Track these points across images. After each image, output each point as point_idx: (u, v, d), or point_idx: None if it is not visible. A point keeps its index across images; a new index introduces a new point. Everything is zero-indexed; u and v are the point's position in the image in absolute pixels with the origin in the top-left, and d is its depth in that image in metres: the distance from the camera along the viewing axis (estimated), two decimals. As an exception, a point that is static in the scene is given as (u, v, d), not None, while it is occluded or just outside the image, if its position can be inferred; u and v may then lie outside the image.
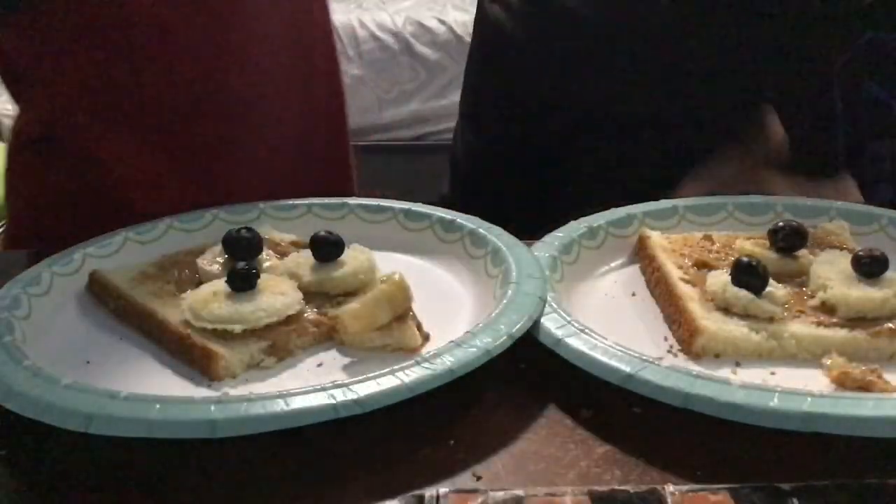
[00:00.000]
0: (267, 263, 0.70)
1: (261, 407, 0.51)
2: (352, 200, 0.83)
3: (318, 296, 0.67)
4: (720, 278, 0.66)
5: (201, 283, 0.68)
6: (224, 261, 0.70)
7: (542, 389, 0.60)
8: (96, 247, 0.75)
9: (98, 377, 0.57)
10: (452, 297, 0.70)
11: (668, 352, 0.62)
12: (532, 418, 0.57)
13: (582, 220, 0.78)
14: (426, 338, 0.63)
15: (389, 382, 0.54)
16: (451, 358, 0.56)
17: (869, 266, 0.65)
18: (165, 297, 0.67)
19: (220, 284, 0.64)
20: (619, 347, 0.58)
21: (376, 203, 0.82)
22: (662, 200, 0.81)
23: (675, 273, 0.69)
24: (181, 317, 0.63)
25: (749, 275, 0.64)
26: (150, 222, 0.79)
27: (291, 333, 0.63)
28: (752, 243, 0.72)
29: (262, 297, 0.63)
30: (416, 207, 0.81)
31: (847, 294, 0.63)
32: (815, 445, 0.52)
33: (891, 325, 0.61)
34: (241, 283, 0.63)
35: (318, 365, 0.62)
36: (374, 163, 2.90)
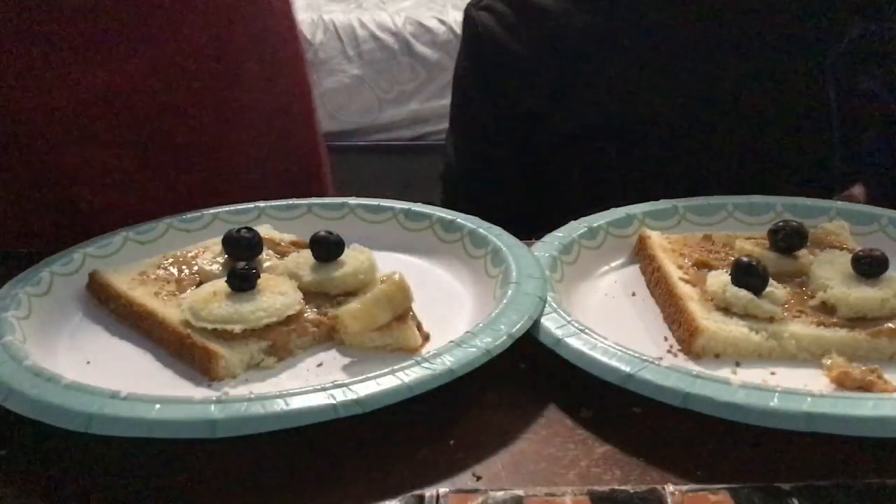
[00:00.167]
0: (267, 263, 0.70)
1: (261, 407, 0.51)
2: (352, 200, 0.83)
3: (318, 296, 0.67)
4: (720, 278, 0.66)
5: (201, 283, 0.68)
6: (224, 261, 0.70)
7: (542, 389, 0.60)
8: (96, 247, 0.75)
9: (98, 377, 0.57)
10: (452, 297, 0.70)
11: (668, 352, 0.62)
12: (532, 418, 0.57)
13: (582, 220, 0.78)
14: (426, 338, 0.63)
15: (389, 382, 0.54)
16: (451, 358, 0.56)
17: (869, 266, 0.65)
18: (165, 297, 0.67)
19: (220, 284, 0.64)
20: (619, 347, 0.58)
21: (376, 203, 0.82)
22: (662, 200, 0.81)
23: (675, 273, 0.69)
24: (181, 317, 0.63)
25: (749, 275, 0.64)
26: (150, 222, 0.79)
27: (291, 333, 0.63)
28: (752, 243, 0.72)
29: (262, 297, 0.63)
30: (416, 207, 0.81)
31: (847, 294, 0.63)
32: (815, 445, 0.52)
33: (891, 325, 0.61)
34: (241, 283, 0.63)
35: (318, 365, 0.62)
36: (374, 163, 2.90)
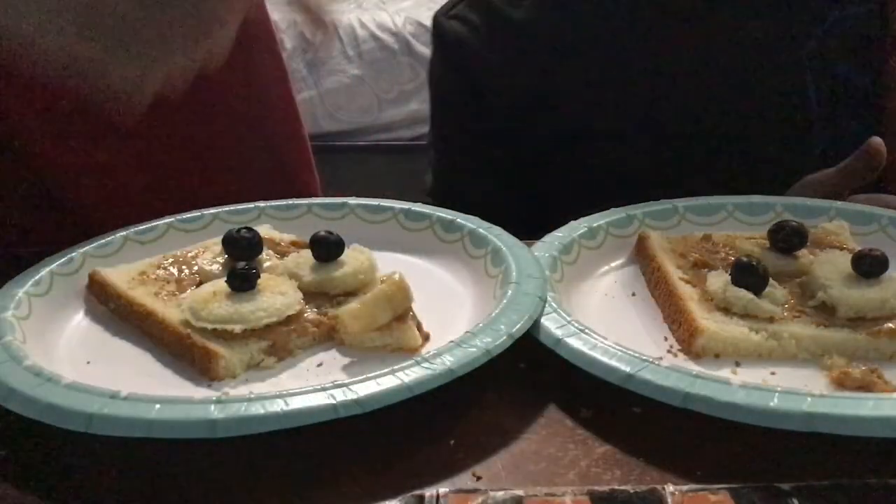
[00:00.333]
0: (267, 263, 0.70)
1: (261, 407, 0.51)
2: (352, 200, 0.83)
3: (318, 296, 0.67)
4: (720, 278, 0.66)
5: (201, 283, 0.68)
6: (224, 261, 0.70)
7: (542, 389, 0.60)
8: (96, 247, 0.75)
9: (98, 377, 0.56)
10: (452, 297, 0.70)
11: (668, 352, 0.62)
12: (532, 418, 0.57)
13: (582, 220, 0.78)
14: (426, 338, 0.63)
15: (389, 382, 0.54)
16: (451, 358, 0.56)
17: (869, 266, 0.65)
18: (165, 297, 0.67)
19: (220, 284, 0.64)
20: (619, 347, 0.58)
21: (376, 203, 0.82)
22: (662, 200, 0.81)
23: (675, 273, 0.69)
24: (181, 317, 0.63)
25: (749, 275, 0.64)
26: (151, 222, 0.79)
27: (291, 333, 0.63)
28: (752, 243, 0.72)
29: (262, 297, 0.63)
30: (416, 207, 0.81)
31: (847, 294, 0.63)
32: (815, 445, 0.52)
33: (891, 325, 0.61)
34: (241, 283, 0.63)
35: (318, 365, 0.62)
36: (374, 163, 2.90)
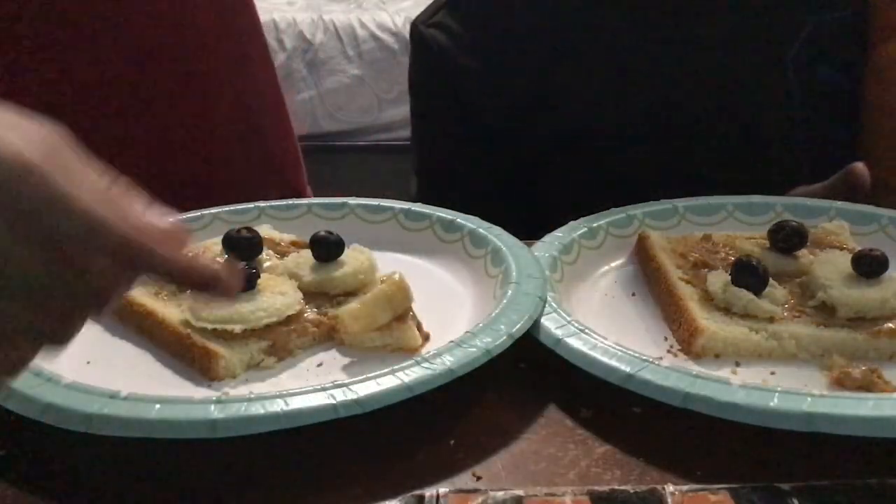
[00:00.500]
0: (267, 263, 0.70)
1: (261, 407, 0.51)
2: (352, 200, 0.83)
3: (318, 296, 0.67)
4: (720, 278, 0.66)
5: (201, 283, 0.68)
6: (224, 261, 0.70)
7: (542, 389, 0.60)
8: (96, 247, 0.75)
9: (98, 377, 0.56)
10: (452, 297, 0.70)
11: (668, 352, 0.62)
12: (532, 418, 0.57)
13: (582, 220, 0.78)
14: (426, 338, 0.63)
15: (389, 382, 0.54)
16: (451, 358, 0.56)
17: (869, 266, 0.65)
18: (165, 297, 0.67)
19: (220, 284, 0.64)
20: (619, 347, 0.58)
21: (376, 203, 0.82)
22: (662, 200, 0.81)
23: (675, 273, 0.69)
24: (181, 317, 0.63)
25: (749, 275, 0.64)
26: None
27: (291, 333, 0.63)
28: (752, 243, 0.72)
29: (262, 297, 0.63)
30: (416, 207, 0.81)
31: (847, 294, 0.63)
32: (815, 445, 0.52)
33: (891, 325, 0.61)
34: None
35: (318, 365, 0.62)
36: (374, 163, 2.90)
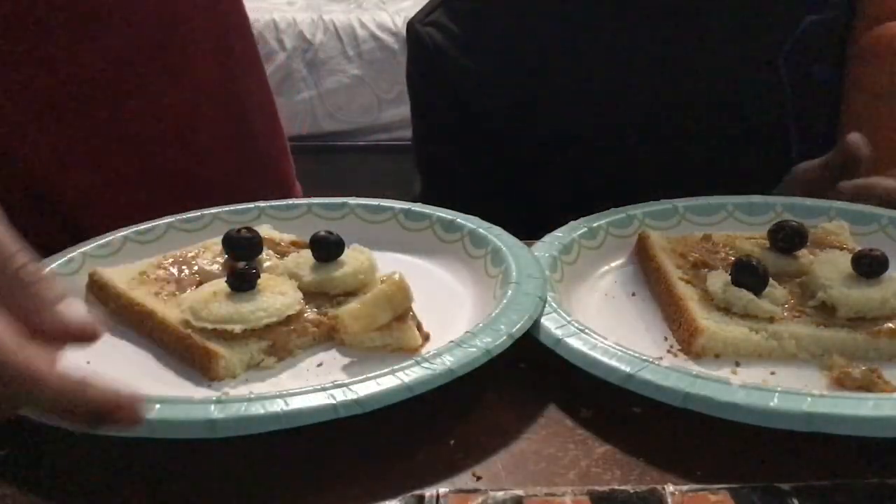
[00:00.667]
0: (267, 263, 0.70)
1: (261, 407, 0.51)
2: (352, 200, 0.83)
3: (318, 296, 0.67)
4: (720, 278, 0.66)
5: (201, 283, 0.68)
6: (224, 261, 0.70)
7: (542, 389, 0.60)
8: (96, 247, 0.75)
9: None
10: (452, 297, 0.70)
11: (668, 352, 0.62)
12: (532, 418, 0.57)
13: (582, 220, 0.78)
14: (426, 338, 0.63)
15: (389, 382, 0.54)
16: (451, 358, 0.56)
17: (869, 266, 0.65)
18: (165, 297, 0.67)
19: (220, 284, 0.64)
20: (619, 347, 0.58)
21: (376, 203, 0.82)
22: (662, 200, 0.81)
23: (675, 273, 0.69)
24: (181, 317, 0.63)
25: (749, 275, 0.64)
26: (151, 222, 0.79)
27: (291, 333, 0.63)
28: (752, 243, 0.72)
29: (262, 297, 0.63)
30: (416, 207, 0.81)
31: (847, 294, 0.63)
32: (815, 445, 0.52)
33: (891, 325, 0.61)
34: (241, 283, 0.63)
35: (318, 365, 0.62)
36: (374, 163, 2.90)
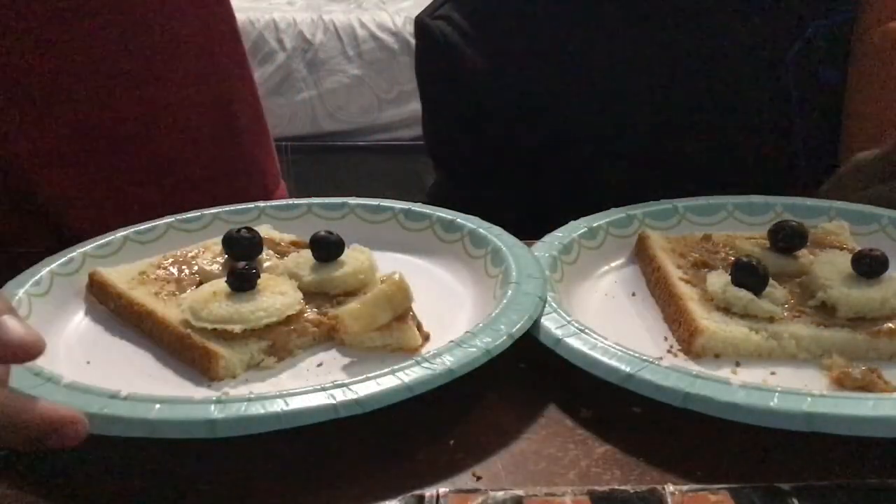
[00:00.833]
0: (267, 263, 0.70)
1: (261, 407, 0.51)
2: (352, 200, 0.83)
3: (318, 296, 0.67)
4: (720, 278, 0.66)
5: (201, 283, 0.68)
6: (224, 261, 0.70)
7: (542, 389, 0.60)
8: (96, 247, 0.75)
9: (98, 377, 0.56)
10: (452, 297, 0.70)
11: (668, 352, 0.62)
12: (532, 418, 0.57)
13: (582, 220, 0.78)
14: (426, 338, 0.63)
15: (389, 382, 0.54)
16: (451, 358, 0.56)
17: (869, 266, 0.65)
18: (165, 297, 0.67)
19: (220, 284, 0.64)
20: (619, 347, 0.58)
21: (376, 203, 0.82)
22: (662, 200, 0.81)
23: (675, 273, 0.69)
24: (181, 317, 0.63)
25: (749, 275, 0.64)
26: (151, 222, 0.79)
27: (291, 333, 0.63)
28: (752, 243, 0.72)
29: (262, 297, 0.63)
30: (416, 207, 0.81)
31: (847, 294, 0.63)
32: (815, 445, 0.52)
33: (891, 325, 0.61)
34: (241, 283, 0.63)
35: (318, 365, 0.62)
36: (374, 163, 2.90)
